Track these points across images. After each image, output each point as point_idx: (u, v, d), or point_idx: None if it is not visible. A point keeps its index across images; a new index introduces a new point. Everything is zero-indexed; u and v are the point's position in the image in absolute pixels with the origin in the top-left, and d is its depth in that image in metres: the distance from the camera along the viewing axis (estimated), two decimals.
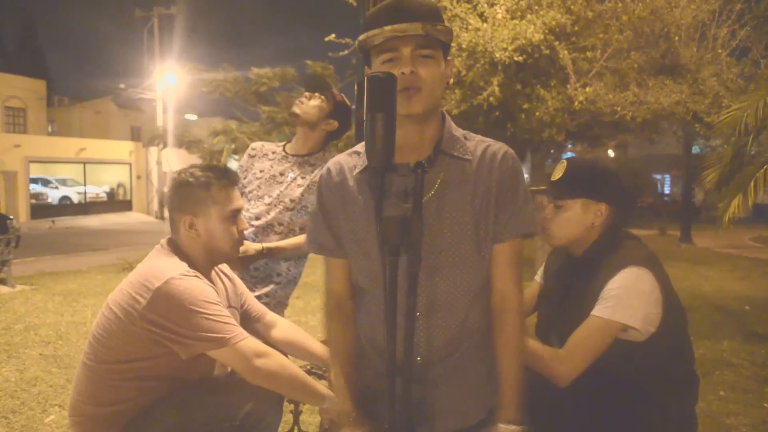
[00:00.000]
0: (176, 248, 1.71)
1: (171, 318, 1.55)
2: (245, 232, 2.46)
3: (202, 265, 1.73)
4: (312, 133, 2.52)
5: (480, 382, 1.38)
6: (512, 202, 1.34)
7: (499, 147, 1.37)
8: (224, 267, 1.95)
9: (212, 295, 1.62)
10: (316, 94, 2.51)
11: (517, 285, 1.37)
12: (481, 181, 1.33)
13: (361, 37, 1.28)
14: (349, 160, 1.43)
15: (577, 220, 1.81)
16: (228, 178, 1.74)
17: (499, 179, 1.34)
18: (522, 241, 1.38)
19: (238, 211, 1.76)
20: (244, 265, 2.39)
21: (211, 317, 1.57)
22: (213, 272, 1.84)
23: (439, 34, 1.27)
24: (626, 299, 1.67)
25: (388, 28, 1.23)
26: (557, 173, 1.84)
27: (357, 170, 1.38)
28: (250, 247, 2.38)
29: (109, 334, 1.61)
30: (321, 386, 1.73)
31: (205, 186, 1.70)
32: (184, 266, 1.64)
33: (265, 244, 2.39)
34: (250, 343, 1.62)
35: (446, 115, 1.41)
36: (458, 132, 1.39)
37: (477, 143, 1.38)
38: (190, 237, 1.71)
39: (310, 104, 2.49)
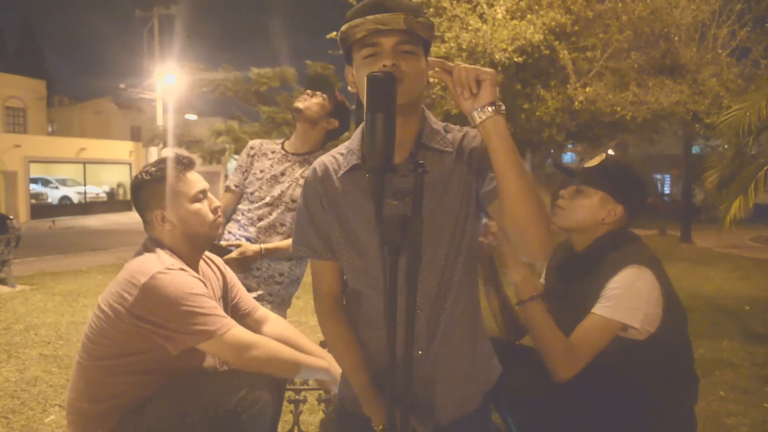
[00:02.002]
0: (159, 244, 1.72)
1: (158, 313, 1.56)
2: (247, 234, 2.48)
3: (187, 255, 1.74)
4: (312, 131, 2.52)
5: (472, 370, 1.42)
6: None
7: (475, 132, 1.35)
8: (215, 258, 1.96)
9: (198, 286, 1.63)
10: (318, 92, 2.53)
11: None
12: (462, 175, 1.34)
13: (343, 27, 1.27)
14: (332, 160, 1.42)
15: (591, 209, 1.84)
16: (182, 164, 1.75)
17: (479, 158, 1.33)
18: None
19: (203, 191, 1.76)
20: (244, 266, 2.39)
21: (197, 309, 1.58)
22: (203, 262, 1.85)
23: (420, 29, 1.26)
24: (627, 299, 1.68)
25: (370, 17, 1.23)
26: (593, 162, 1.89)
27: (342, 171, 1.38)
28: (249, 248, 2.38)
29: (100, 332, 1.62)
30: (317, 360, 1.77)
31: (163, 179, 1.71)
32: (168, 260, 1.64)
33: (264, 245, 2.39)
34: (238, 333, 1.63)
35: (425, 108, 1.41)
36: (438, 125, 1.39)
37: (455, 134, 1.39)
38: (167, 230, 1.71)
39: (312, 101, 2.51)
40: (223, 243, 2.43)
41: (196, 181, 1.76)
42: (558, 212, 1.89)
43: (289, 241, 2.42)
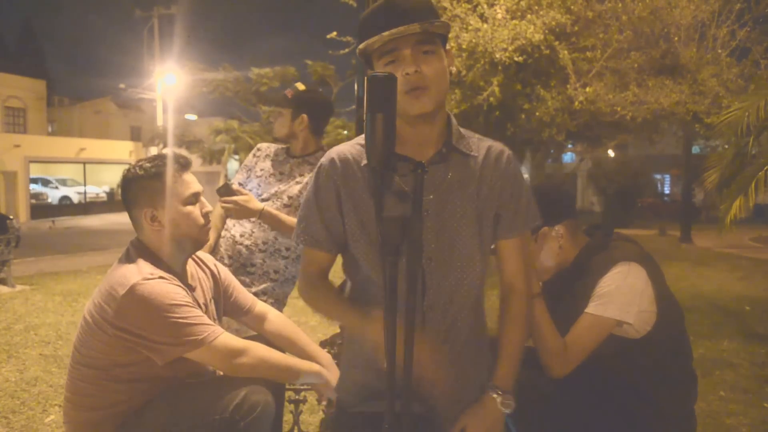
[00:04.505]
0: (142, 248, 1.67)
1: (140, 325, 1.53)
2: (242, 228, 2.48)
3: (173, 258, 1.70)
4: (297, 141, 2.56)
5: (475, 375, 1.42)
6: (517, 201, 1.40)
7: (500, 148, 1.42)
8: (206, 258, 1.92)
9: (179, 295, 1.58)
10: (277, 110, 2.61)
11: (523, 275, 1.43)
12: (485, 178, 1.37)
13: (361, 45, 1.29)
14: (353, 150, 1.40)
15: (546, 252, 1.86)
16: (179, 164, 1.69)
17: (503, 180, 1.38)
18: (528, 233, 1.45)
19: (196, 194, 1.71)
20: (242, 215, 2.39)
21: (180, 320, 1.54)
22: (192, 264, 1.81)
23: (437, 30, 1.27)
24: (619, 295, 1.69)
25: (386, 33, 1.23)
26: None
27: (365, 161, 1.36)
28: (253, 200, 2.37)
29: (86, 343, 1.60)
30: (309, 364, 1.76)
31: (157, 176, 1.65)
32: (147, 269, 1.59)
33: (265, 208, 2.38)
34: (225, 340, 1.60)
35: (449, 112, 1.42)
36: (461, 130, 1.42)
37: (478, 141, 1.42)
38: (155, 230, 1.66)
39: (276, 125, 2.58)
40: (234, 186, 2.43)
41: (191, 182, 1.71)
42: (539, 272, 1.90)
43: (289, 217, 2.42)
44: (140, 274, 1.56)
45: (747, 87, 7.57)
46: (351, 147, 1.42)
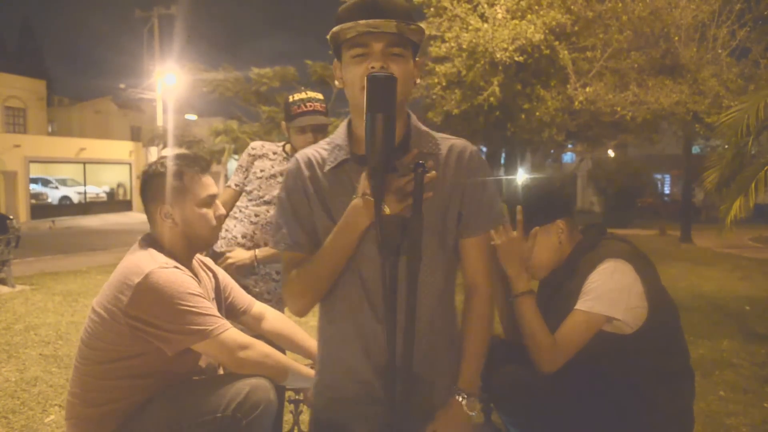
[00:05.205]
0: (153, 242, 1.71)
1: (153, 313, 1.55)
2: (243, 230, 2.49)
3: (182, 255, 1.73)
4: None
5: (445, 374, 1.40)
6: (480, 199, 1.38)
7: (463, 145, 1.40)
8: (206, 259, 1.95)
9: (193, 285, 1.61)
10: (323, 126, 2.50)
11: (485, 274, 1.42)
12: (446, 177, 1.35)
13: (335, 29, 1.28)
14: (316, 154, 1.40)
15: (546, 246, 1.87)
16: (200, 165, 1.74)
17: (465, 177, 1.37)
18: (490, 233, 1.45)
19: (212, 197, 1.75)
20: (239, 273, 2.41)
21: (192, 309, 1.57)
22: (195, 264, 1.84)
23: (411, 34, 1.28)
24: (605, 291, 1.71)
25: (362, 22, 1.23)
26: (518, 215, 1.88)
27: (328, 166, 1.36)
28: (241, 256, 2.40)
29: (95, 335, 1.61)
30: (307, 369, 1.76)
31: (178, 175, 1.69)
32: (161, 258, 1.63)
33: (258, 251, 2.41)
34: (233, 334, 1.62)
35: (410, 112, 1.42)
36: (423, 128, 1.40)
37: (441, 140, 1.40)
38: (167, 226, 1.70)
39: (320, 138, 2.49)
40: (218, 249, 2.46)
41: (209, 185, 1.75)
42: (531, 270, 1.89)
43: None
44: (155, 262, 1.60)
45: (747, 87, 7.58)
46: (314, 150, 1.42)
